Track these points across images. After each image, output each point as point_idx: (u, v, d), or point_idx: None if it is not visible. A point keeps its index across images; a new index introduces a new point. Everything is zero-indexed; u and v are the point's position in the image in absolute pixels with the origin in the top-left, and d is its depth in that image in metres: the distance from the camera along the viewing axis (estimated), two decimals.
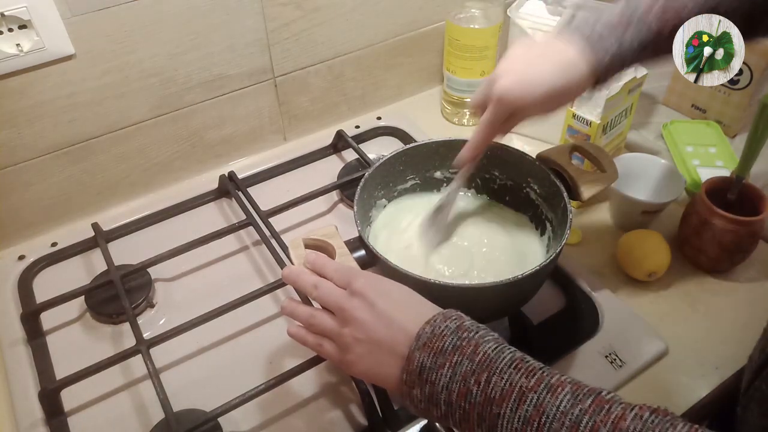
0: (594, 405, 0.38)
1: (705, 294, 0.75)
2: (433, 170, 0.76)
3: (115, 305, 0.73)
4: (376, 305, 0.48)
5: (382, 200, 0.74)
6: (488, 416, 0.41)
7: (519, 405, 0.40)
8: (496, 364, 0.42)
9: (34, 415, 0.64)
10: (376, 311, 0.47)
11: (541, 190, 0.71)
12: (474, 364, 0.42)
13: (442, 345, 0.44)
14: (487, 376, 0.42)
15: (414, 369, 0.44)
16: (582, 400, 0.39)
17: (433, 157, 0.75)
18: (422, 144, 0.74)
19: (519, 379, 0.41)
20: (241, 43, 0.85)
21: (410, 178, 0.76)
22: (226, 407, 0.60)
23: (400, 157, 0.73)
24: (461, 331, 0.44)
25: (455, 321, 0.45)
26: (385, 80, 1.03)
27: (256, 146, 0.97)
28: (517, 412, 0.40)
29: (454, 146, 0.74)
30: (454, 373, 0.43)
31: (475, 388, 0.42)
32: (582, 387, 0.40)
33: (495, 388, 0.41)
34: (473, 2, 0.92)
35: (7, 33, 0.68)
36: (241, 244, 0.83)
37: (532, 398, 0.40)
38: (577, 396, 0.39)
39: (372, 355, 0.47)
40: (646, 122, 1.01)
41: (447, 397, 0.43)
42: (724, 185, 0.74)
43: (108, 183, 0.87)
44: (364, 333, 0.48)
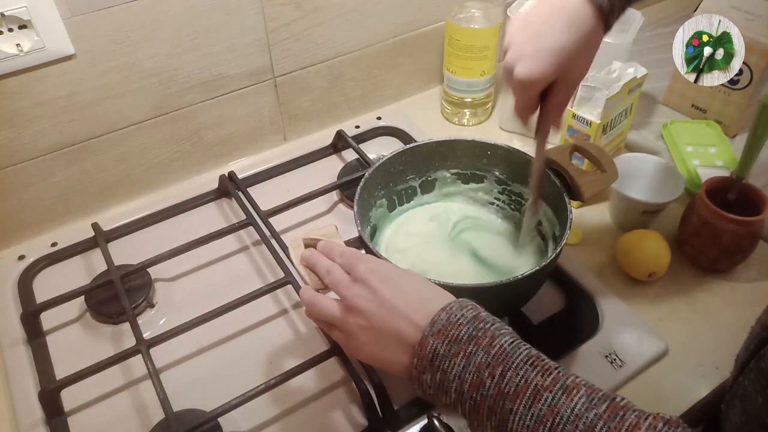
0: (609, 411, 0.38)
1: (705, 294, 0.75)
2: (433, 170, 0.76)
3: (115, 305, 0.73)
4: (378, 292, 0.47)
5: (383, 200, 0.74)
6: (500, 410, 0.41)
7: (533, 403, 0.40)
8: (512, 359, 0.42)
9: (34, 415, 0.64)
10: (378, 299, 0.47)
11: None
12: (489, 357, 0.42)
13: (457, 334, 0.43)
14: (502, 370, 0.42)
15: (426, 354, 0.44)
16: (597, 405, 0.39)
17: (433, 156, 0.75)
18: (422, 144, 0.74)
19: (534, 377, 0.41)
20: (241, 43, 0.85)
21: (410, 178, 0.76)
22: (226, 407, 0.60)
23: (400, 157, 0.73)
24: (478, 321, 0.44)
25: (471, 311, 0.45)
26: (385, 80, 1.03)
27: (256, 146, 0.97)
28: (530, 410, 0.40)
29: (454, 146, 0.74)
30: (468, 363, 0.42)
31: (489, 380, 0.42)
32: (597, 391, 0.40)
33: (509, 384, 0.41)
34: (473, 2, 0.92)
35: (7, 33, 0.68)
36: (241, 244, 0.83)
37: (547, 397, 0.40)
38: (592, 400, 0.39)
39: (377, 342, 0.47)
40: (646, 122, 1.01)
41: (459, 387, 0.43)
42: (724, 185, 0.74)
43: (108, 183, 0.87)
44: (366, 321, 0.48)
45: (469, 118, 1.02)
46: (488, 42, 0.93)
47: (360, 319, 0.48)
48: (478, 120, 1.03)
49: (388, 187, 0.74)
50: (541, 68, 0.54)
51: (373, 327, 0.47)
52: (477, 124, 1.03)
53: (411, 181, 0.76)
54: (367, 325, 0.48)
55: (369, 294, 0.48)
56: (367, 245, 0.62)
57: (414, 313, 0.46)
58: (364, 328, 0.48)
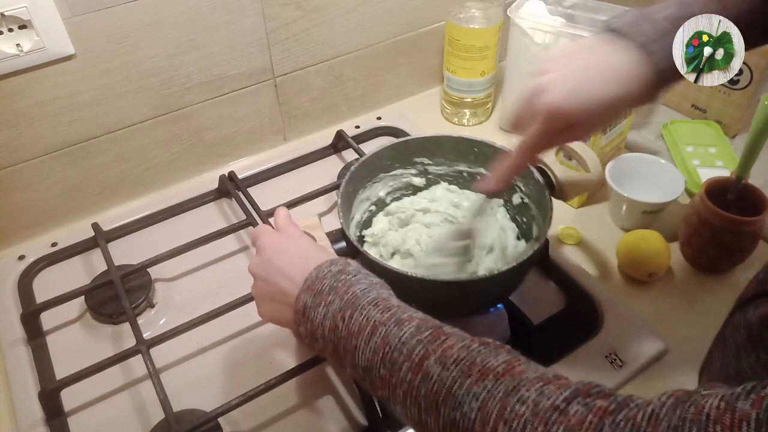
0: (430, 336, 0.42)
1: (705, 294, 0.75)
2: (421, 165, 0.77)
3: (115, 305, 0.73)
4: (271, 261, 0.52)
5: (375, 187, 0.75)
6: (350, 349, 0.45)
7: (371, 337, 0.44)
8: (360, 302, 0.46)
9: (34, 415, 0.64)
10: (269, 267, 0.52)
11: (526, 189, 0.71)
12: (342, 303, 0.46)
13: (321, 286, 0.48)
14: (350, 312, 0.46)
15: (300, 308, 0.48)
16: (422, 332, 0.42)
17: (420, 152, 0.75)
18: (411, 139, 0.75)
19: (374, 315, 0.45)
20: (241, 43, 0.85)
21: (399, 173, 0.77)
22: (226, 407, 0.60)
23: (388, 151, 0.73)
24: (341, 274, 0.48)
25: (338, 266, 0.49)
26: (385, 80, 1.03)
27: (256, 146, 0.97)
28: (369, 344, 0.44)
29: (440, 142, 0.74)
30: (327, 311, 0.47)
31: (341, 323, 0.46)
32: (428, 321, 0.44)
33: (354, 323, 0.45)
34: (473, 2, 0.92)
35: (7, 33, 0.68)
36: (241, 244, 0.83)
37: (382, 331, 0.43)
38: (420, 329, 0.42)
39: (271, 304, 0.53)
40: (646, 122, 1.01)
41: (322, 332, 0.47)
42: (724, 185, 0.74)
43: (108, 183, 0.87)
44: (261, 285, 0.53)
45: (469, 118, 1.02)
46: (488, 42, 0.93)
47: (258, 285, 0.54)
48: (478, 120, 1.03)
49: (377, 179, 0.75)
50: (577, 107, 0.51)
51: (266, 291, 0.53)
52: (477, 124, 1.03)
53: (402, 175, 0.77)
54: (263, 289, 0.53)
55: (263, 262, 0.53)
56: (348, 237, 0.63)
57: (296, 274, 0.50)
58: (261, 291, 0.53)
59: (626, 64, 0.50)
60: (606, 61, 0.51)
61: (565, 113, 0.51)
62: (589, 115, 0.51)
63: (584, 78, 0.51)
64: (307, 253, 0.53)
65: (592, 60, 0.51)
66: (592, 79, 0.51)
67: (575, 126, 0.52)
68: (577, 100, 0.50)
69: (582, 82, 0.51)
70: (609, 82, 0.50)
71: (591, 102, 0.50)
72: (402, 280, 0.57)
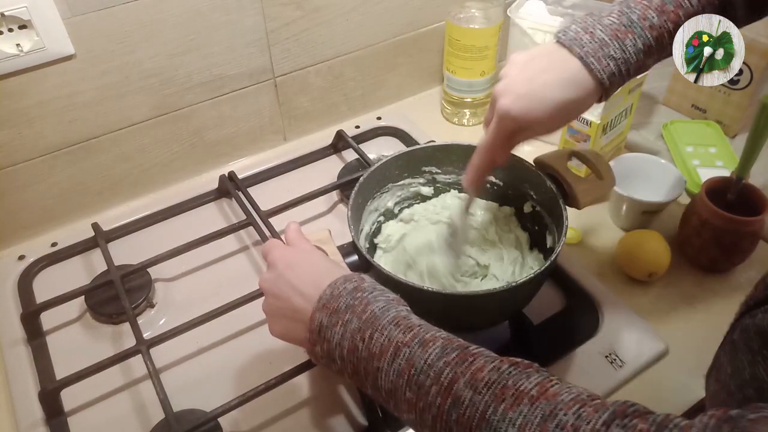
0: (458, 358, 0.41)
1: (705, 294, 0.75)
2: (430, 174, 0.76)
3: (115, 305, 0.73)
4: (282, 276, 0.51)
5: (384, 198, 0.74)
6: (371, 370, 0.44)
7: (395, 359, 0.42)
8: (380, 322, 0.45)
9: (34, 415, 0.64)
10: (281, 282, 0.51)
11: (538, 196, 0.70)
12: (361, 322, 0.45)
13: (337, 305, 0.47)
14: (370, 332, 0.44)
15: (315, 328, 0.47)
16: (448, 354, 0.41)
17: (428, 161, 0.75)
18: (419, 148, 0.73)
19: (396, 335, 0.43)
20: (241, 43, 0.85)
21: (408, 182, 0.76)
22: (226, 407, 0.60)
23: (397, 161, 0.72)
24: (357, 291, 0.47)
25: (353, 283, 0.48)
26: (385, 80, 1.03)
27: (256, 146, 0.97)
28: (392, 365, 0.42)
29: (449, 150, 0.74)
30: (345, 330, 0.46)
31: (361, 344, 0.45)
32: (453, 341, 0.42)
33: (376, 344, 0.44)
34: (473, 2, 0.92)
35: (7, 33, 0.68)
36: (241, 244, 0.83)
37: (406, 352, 0.42)
38: (446, 350, 0.41)
39: (282, 321, 0.51)
40: (646, 122, 1.01)
41: (340, 353, 0.46)
42: (724, 185, 0.74)
43: (108, 183, 0.87)
44: (272, 302, 0.52)
45: (469, 118, 1.02)
46: (488, 42, 0.93)
47: (269, 301, 0.52)
48: (478, 120, 1.03)
49: (386, 190, 0.74)
50: (526, 111, 0.54)
51: (277, 308, 0.51)
52: (477, 124, 1.03)
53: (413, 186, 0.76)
54: (274, 306, 0.52)
55: (274, 278, 0.52)
56: (359, 250, 0.62)
57: (309, 290, 0.49)
58: (272, 308, 0.52)
59: (572, 72, 0.54)
60: (557, 68, 0.55)
61: (513, 116, 0.55)
62: (538, 118, 0.55)
63: (534, 84, 0.54)
64: (319, 268, 0.51)
65: (544, 66, 0.55)
66: (541, 84, 0.54)
67: (526, 128, 0.56)
68: (525, 104, 0.54)
69: (531, 88, 0.54)
70: (556, 87, 0.54)
71: (539, 106, 0.54)
72: (416, 293, 0.56)
